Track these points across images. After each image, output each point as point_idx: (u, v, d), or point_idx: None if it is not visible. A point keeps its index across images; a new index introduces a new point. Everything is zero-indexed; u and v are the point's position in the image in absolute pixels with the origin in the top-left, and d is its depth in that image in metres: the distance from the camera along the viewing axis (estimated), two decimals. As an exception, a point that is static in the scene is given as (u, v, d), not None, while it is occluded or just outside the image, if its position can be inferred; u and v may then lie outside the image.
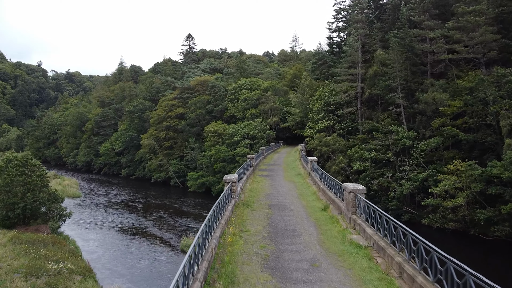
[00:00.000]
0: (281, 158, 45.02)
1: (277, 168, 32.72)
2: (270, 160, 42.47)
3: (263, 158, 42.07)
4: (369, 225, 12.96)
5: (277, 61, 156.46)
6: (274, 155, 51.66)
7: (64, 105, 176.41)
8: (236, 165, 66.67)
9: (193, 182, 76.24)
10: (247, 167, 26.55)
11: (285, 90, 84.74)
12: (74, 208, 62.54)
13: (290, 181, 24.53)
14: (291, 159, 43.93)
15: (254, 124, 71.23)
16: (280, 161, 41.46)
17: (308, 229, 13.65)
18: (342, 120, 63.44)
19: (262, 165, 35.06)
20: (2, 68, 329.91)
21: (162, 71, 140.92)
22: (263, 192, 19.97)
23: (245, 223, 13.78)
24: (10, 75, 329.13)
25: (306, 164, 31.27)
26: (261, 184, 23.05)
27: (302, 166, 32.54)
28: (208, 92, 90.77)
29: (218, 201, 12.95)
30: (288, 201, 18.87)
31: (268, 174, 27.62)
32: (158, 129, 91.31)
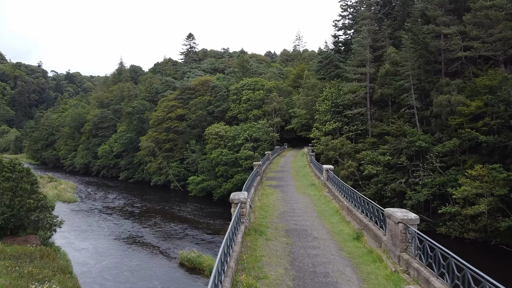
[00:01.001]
0: (288, 163, 41.93)
1: (286, 176, 29.64)
2: (277, 165, 39.35)
3: (269, 163, 38.98)
4: (434, 273, 9.66)
5: (279, 61, 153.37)
6: (280, 159, 48.53)
7: (63, 106, 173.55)
8: (239, 169, 63.63)
9: (193, 186, 73.19)
10: (254, 177, 23.46)
11: (289, 90, 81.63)
12: (69, 214, 59.64)
13: (304, 193, 21.42)
14: (299, 164, 40.79)
15: (257, 126, 68.16)
16: (288, 166, 38.38)
17: (345, 273, 10.25)
18: (350, 121, 60.39)
19: (270, 172, 31.95)
20: (2, 68, 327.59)
21: (162, 71, 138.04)
22: (275, 210, 16.81)
23: (261, 263, 10.62)
24: (9, 76, 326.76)
25: (319, 172, 28.18)
26: (271, 198, 19.93)
27: (314, 174, 29.47)
28: (209, 92, 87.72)
29: (227, 237, 9.52)
30: (308, 223, 15.53)
31: (278, 184, 24.48)
32: (158, 130, 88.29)
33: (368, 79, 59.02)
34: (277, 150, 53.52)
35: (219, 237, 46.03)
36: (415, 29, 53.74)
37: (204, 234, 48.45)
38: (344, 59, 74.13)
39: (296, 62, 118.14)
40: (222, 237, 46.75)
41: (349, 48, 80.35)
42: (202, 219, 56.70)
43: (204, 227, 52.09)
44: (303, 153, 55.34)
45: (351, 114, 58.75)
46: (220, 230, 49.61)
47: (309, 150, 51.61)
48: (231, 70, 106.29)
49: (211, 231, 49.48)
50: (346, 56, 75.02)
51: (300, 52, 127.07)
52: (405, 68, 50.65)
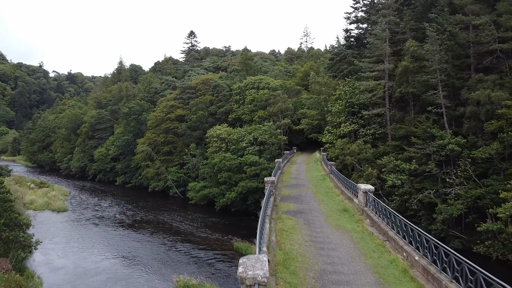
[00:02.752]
0: (302, 173, 36.01)
1: (305, 193, 23.70)
2: (289, 176, 33.39)
3: (280, 174, 32.96)
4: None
5: (283, 60, 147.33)
6: (292, 167, 42.50)
7: (61, 107, 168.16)
8: (243, 176, 57.76)
9: (194, 193, 67.32)
10: (268, 200, 17.60)
11: (296, 89, 75.67)
12: (56, 225, 54.08)
13: (337, 226, 15.05)
14: (315, 174, 34.82)
15: (263, 128, 62.18)
16: (303, 177, 32.45)
17: None
18: (367, 124, 54.41)
19: (283, 188, 25.99)
20: (2, 69, 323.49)
21: (162, 70, 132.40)
22: (307, 269, 10.83)
23: None
24: (10, 76, 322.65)
25: (348, 189, 22.21)
26: (295, 237, 13.86)
27: (340, 192, 23.42)
28: (210, 92, 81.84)
29: None
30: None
31: (298, 209, 18.38)
32: (156, 132, 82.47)
33: (386, 76, 53.06)
34: (287, 156, 47.65)
35: (221, 260, 40.22)
36: (442, 20, 47.73)
37: (204, 253, 42.61)
38: (358, 55, 68.14)
39: (303, 59, 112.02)
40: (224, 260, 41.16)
41: (362, 43, 74.32)
42: (203, 233, 50.85)
43: (205, 244, 46.28)
44: (316, 160, 49.34)
45: (368, 115, 52.76)
46: (222, 249, 43.78)
47: (322, 156, 45.58)
48: (234, 68, 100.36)
49: (211, 250, 43.63)
50: (360, 52, 69.01)
51: (307, 50, 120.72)
52: (432, 62, 44.56)
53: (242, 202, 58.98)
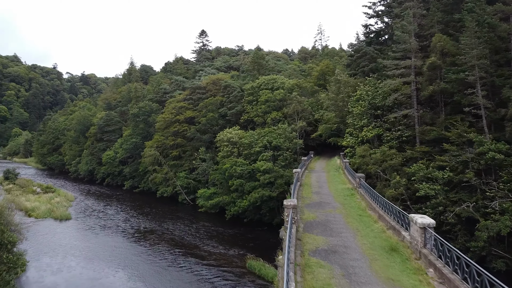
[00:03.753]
0: (324, 185, 31.37)
1: (334, 218, 18.98)
2: (310, 189, 28.77)
3: (299, 187, 28.39)
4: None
5: (297, 59, 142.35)
6: (311, 176, 37.77)
7: (71, 108, 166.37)
8: (256, 184, 53.35)
9: (203, 201, 63.21)
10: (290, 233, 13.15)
11: (313, 89, 70.95)
12: (56, 235, 50.55)
13: (390, 282, 11.09)
14: (340, 187, 30.11)
15: (278, 131, 57.63)
16: (326, 191, 27.78)
17: None
18: (392, 126, 49.45)
19: (305, 209, 21.32)
20: (17, 71, 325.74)
21: (172, 71, 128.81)
22: None
23: None
24: (24, 78, 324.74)
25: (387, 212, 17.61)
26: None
27: (377, 215, 18.50)
28: (221, 92, 77.65)
29: None
30: None
31: (330, 248, 13.73)
32: (165, 135, 78.68)
33: (413, 73, 48.04)
34: (304, 162, 43.06)
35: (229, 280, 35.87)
36: (479, 10, 42.54)
37: (211, 271, 38.35)
38: (379, 51, 63.16)
39: (318, 58, 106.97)
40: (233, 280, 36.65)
41: (383, 39, 69.48)
42: (211, 246, 46.62)
43: (213, 259, 42.10)
44: (337, 167, 44.57)
45: (395, 117, 47.80)
46: (231, 265, 39.46)
47: (344, 163, 40.83)
48: (246, 68, 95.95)
49: (219, 267, 39.37)
50: (382, 48, 64.03)
51: (322, 48, 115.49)
52: (469, 57, 39.45)
53: (255, 211, 54.67)
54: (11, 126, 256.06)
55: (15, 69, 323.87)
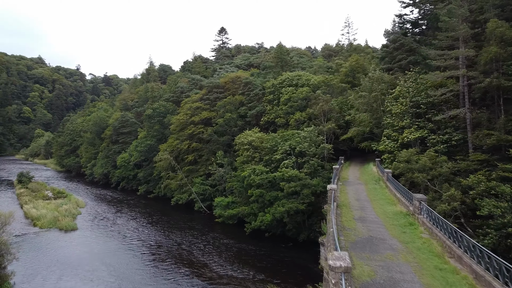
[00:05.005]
0: (368, 206, 24.60)
1: (399, 270, 12.32)
2: (351, 213, 21.97)
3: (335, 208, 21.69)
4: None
5: (320, 56, 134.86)
6: (347, 191, 30.85)
7: (90, 109, 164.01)
8: (279, 194, 46.91)
9: (221, 211, 57.24)
10: None
11: (341, 87, 63.95)
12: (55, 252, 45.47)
13: None
14: (390, 209, 23.25)
15: (303, 134, 50.97)
16: (373, 218, 20.94)
17: None
18: (437, 127, 42.22)
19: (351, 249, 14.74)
20: (41, 72, 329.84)
21: (191, 70, 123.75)
22: None
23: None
24: (48, 80, 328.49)
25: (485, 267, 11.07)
26: None
27: (465, 266, 12.18)
28: (241, 90, 71.55)
29: None
30: None
31: None
32: (180, 137, 73.20)
33: (464, 65, 40.60)
34: (336, 172, 36.34)
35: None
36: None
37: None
38: (418, 42, 55.71)
39: (345, 54, 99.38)
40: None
41: (419, 30, 61.87)
42: (224, 267, 40.53)
43: (225, 282, 36.00)
44: (376, 178, 37.57)
45: (443, 118, 40.53)
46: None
47: (387, 174, 33.87)
48: (267, 64, 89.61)
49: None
50: (421, 38, 56.55)
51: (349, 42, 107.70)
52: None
53: (278, 224, 48.21)
54: (34, 127, 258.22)
55: (39, 71, 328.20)
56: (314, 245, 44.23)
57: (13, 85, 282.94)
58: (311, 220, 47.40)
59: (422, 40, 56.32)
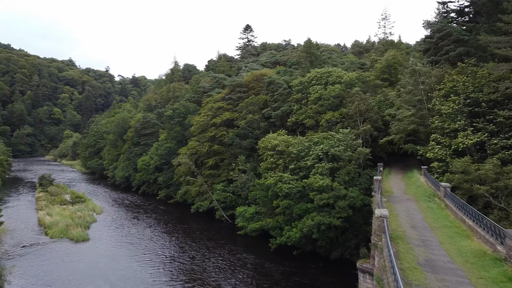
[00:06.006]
0: (429, 235, 18.25)
1: None
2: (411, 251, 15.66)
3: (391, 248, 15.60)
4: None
5: (350, 53, 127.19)
6: (397, 211, 24.36)
7: (115, 110, 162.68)
8: (310, 207, 40.92)
9: (243, 221, 51.81)
10: None
11: (378, 84, 57.15)
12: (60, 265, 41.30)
13: None
14: (465, 246, 16.39)
15: (337, 137, 44.66)
16: (445, 261, 14.43)
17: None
18: (500, 129, 35.20)
19: None
20: (71, 74, 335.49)
21: (215, 68, 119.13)
22: None
23: None
24: (78, 81, 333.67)
25: None
26: None
27: None
28: (265, 90, 65.87)
29: None
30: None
31: None
32: (200, 140, 68.31)
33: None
34: (378, 183, 30.02)
35: None
36: None
37: None
38: (470, 31, 48.39)
39: (380, 48, 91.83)
40: None
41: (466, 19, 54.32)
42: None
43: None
44: (428, 192, 30.91)
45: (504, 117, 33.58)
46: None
47: (444, 189, 27.30)
48: (294, 61, 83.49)
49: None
50: (471, 25, 49.20)
51: (385, 36, 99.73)
52: None
53: (308, 240, 42.16)
54: (64, 128, 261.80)
55: (70, 73, 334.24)
56: (349, 266, 38.09)
57: (44, 87, 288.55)
58: (346, 235, 41.16)
59: (473, 28, 49.06)
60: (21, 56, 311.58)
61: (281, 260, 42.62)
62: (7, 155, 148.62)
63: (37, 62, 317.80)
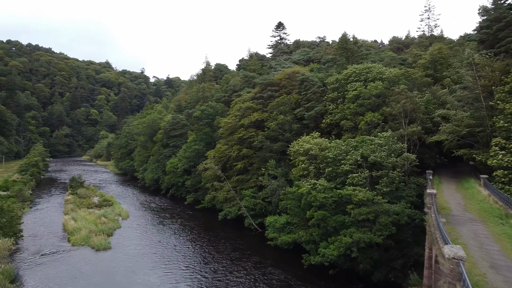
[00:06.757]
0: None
1: None
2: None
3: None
4: None
5: (388, 49, 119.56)
6: (464, 239, 19.37)
7: (148, 111, 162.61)
8: (347, 220, 35.99)
9: (273, 231, 47.47)
10: None
11: (425, 82, 51.14)
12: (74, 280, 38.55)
13: None
14: None
15: (378, 141, 39.42)
16: None
17: None
18: None
19: None
20: (108, 76, 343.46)
21: (246, 67, 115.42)
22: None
23: None
24: (114, 83, 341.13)
25: None
26: None
27: None
28: (297, 88, 61.21)
29: None
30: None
31: None
32: (229, 142, 64.62)
33: None
34: (432, 198, 24.81)
35: None
36: None
37: None
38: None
39: (423, 43, 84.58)
40: None
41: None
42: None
43: None
44: (494, 208, 25.26)
45: None
46: None
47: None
48: (328, 58, 78.16)
49: None
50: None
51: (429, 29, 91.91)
52: None
53: (345, 257, 37.18)
54: (100, 128, 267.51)
55: (106, 75, 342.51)
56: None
57: (82, 88, 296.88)
58: (390, 254, 35.89)
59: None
60: (61, 59, 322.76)
61: (314, 279, 37.95)
62: (44, 155, 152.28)
63: (75, 64, 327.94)
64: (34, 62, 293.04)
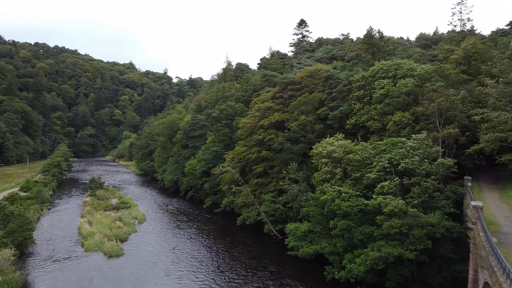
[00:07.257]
0: None
1: None
2: None
3: None
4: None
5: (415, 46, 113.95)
6: None
7: (169, 111, 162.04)
8: (375, 232, 32.56)
9: (294, 240, 44.47)
10: None
11: (462, 79, 46.82)
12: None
13: None
14: None
15: (409, 144, 35.73)
16: None
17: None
18: None
19: None
20: (131, 77, 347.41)
21: (267, 66, 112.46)
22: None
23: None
24: (137, 84, 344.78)
25: None
26: None
27: None
28: (320, 87, 57.84)
29: None
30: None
31: None
32: (248, 144, 61.87)
33: None
34: (479, 212, 21.31)
35: None
36: None
37: None
38: None
39: (455, 38, 79.44)
40: None
41: None
42: None
43: None
44: None
45: None
46: None
47: None
48: (353, 55, 74.20)
49: None
50: None
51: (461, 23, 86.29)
52: None
53: (373, 271, 33.75)
54: (124, 129, 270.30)
55: (130, 76, 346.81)
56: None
57: (106, 89, 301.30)
58: (425, 270, 32.24)
59: None
60: (86, 60, 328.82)
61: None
62: (68, 156, 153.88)
63: (100, 66, 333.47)
64: (60, 63, 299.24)
